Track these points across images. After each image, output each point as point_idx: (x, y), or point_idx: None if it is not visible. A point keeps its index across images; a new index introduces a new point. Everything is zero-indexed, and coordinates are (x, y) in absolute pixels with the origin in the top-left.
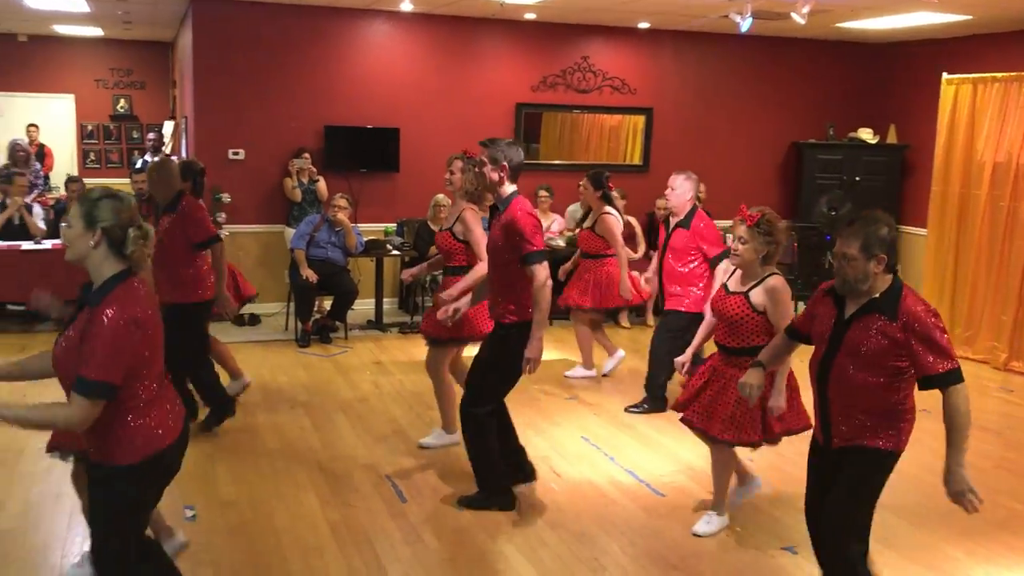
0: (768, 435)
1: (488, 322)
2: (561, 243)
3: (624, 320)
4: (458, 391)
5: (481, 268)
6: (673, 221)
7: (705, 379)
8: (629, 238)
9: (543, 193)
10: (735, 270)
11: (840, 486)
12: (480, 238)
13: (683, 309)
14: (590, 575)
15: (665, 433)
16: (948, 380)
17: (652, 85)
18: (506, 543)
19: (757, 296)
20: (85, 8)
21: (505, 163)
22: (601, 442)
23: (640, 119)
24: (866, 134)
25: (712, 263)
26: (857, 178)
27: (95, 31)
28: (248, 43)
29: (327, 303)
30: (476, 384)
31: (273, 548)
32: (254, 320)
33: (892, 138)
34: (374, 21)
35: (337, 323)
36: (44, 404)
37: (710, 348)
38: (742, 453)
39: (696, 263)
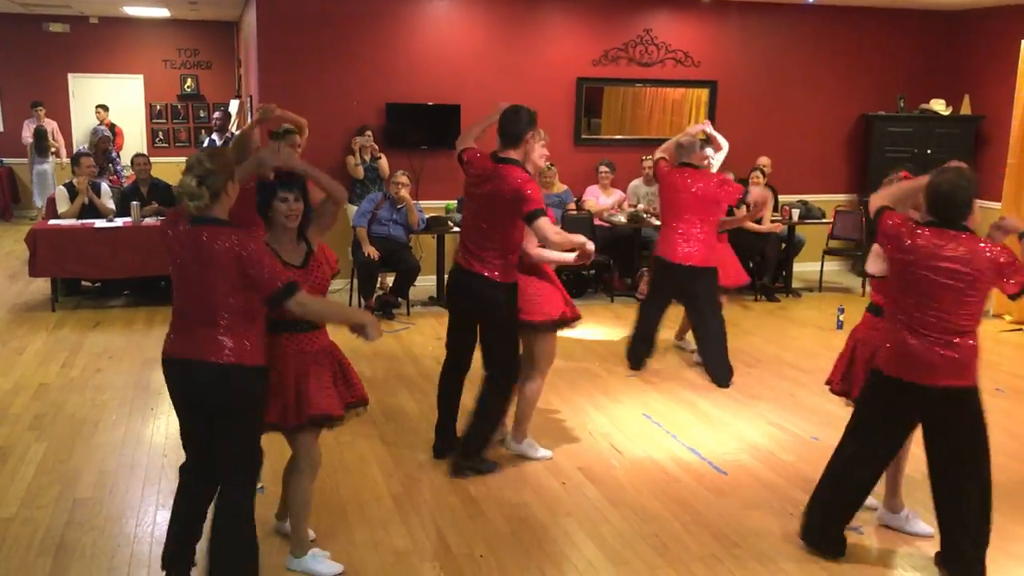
0: None
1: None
2: (622, 219)
3: None
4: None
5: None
6: None
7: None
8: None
9: (604, 169)
10: None
11: None
12: None
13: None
14: (651, 552)
15: (728, 411)
16: None
17: (716, 58)
18: (567, 519)
19: None
20: None
21: None
22: (663, 419)
23: (704, 92)
24: (939, 105)
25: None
26: (929, 151)
27: (162, 12)
28: (311, 22)
29: (389, 280)
30: None
31: (339, 519)
32: None
33: (966, 109)
34: None
35: (399, 299)
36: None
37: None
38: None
39: None
